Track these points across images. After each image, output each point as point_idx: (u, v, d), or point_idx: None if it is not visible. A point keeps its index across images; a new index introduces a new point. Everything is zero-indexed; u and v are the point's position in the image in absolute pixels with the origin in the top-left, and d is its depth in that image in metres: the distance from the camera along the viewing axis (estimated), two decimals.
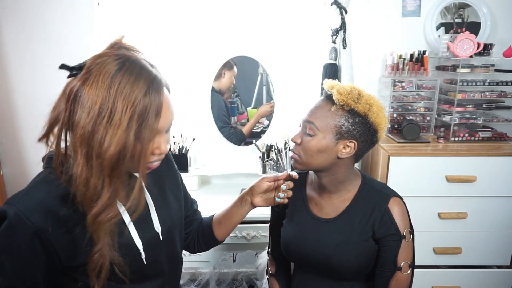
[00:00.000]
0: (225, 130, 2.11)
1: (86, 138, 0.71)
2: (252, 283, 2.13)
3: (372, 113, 0.99)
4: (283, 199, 1.08)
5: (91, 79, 0.71)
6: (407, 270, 1.04)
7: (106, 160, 0.71)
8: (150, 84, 0.74)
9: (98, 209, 0.74)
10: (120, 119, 0.70)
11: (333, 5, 1.80)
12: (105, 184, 0.74)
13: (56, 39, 1.94)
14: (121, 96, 0.71)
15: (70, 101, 0.72)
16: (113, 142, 0.71)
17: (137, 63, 0.75)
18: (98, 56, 0.75)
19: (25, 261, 0.76)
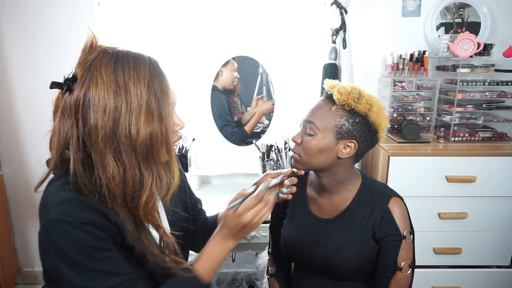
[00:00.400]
0: (228, 129, 2.11)
1: (110, 136, 0.71)
2: (252, 283, 2.13)
3: (373, 113, 0.99)
4: (287, 194, 1.07)
5: (94, 81, 0.71)
6: (407, 270, 1.04)
7: (139, 146, 0.72)
8: (149, 63, 0.76)
9: (147, 195, 0.75)
10: (139, 103, 0.72)
11: (333, 5, 1.80)
12: (143, 171, 0.74)
13: (56, 39, 1.94)
14: (130, 82, 0.72)
15: (80, 111, 0.71)
16: (141, 128, 0.72)
17: (123, 51, 0.76)
18: (85, 60, 0.74)
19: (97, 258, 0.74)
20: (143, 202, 0.75)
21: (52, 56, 1.95)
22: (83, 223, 0.71)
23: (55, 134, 0.75)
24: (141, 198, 0.75)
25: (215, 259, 0.89)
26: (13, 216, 2.16)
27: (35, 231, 2.49)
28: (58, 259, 0.72)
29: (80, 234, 0.71)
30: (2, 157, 2.08)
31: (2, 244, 2.03)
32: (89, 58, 0.74)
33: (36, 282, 2.27)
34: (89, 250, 0.72)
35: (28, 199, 2.11)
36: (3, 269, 2.02)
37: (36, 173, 2.11)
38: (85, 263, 0.72)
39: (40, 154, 2.07)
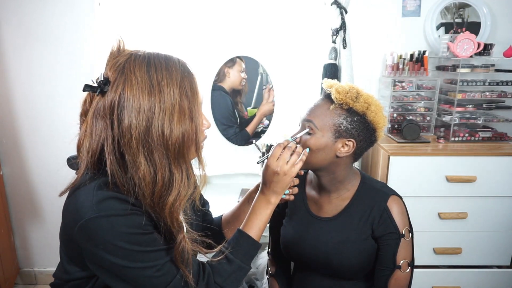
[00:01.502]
0: (231, 130, 2.11)
1: (143, 135, 0.73)
2: (252, 283, 2.13)
3: (371, 112, 0.99)
4: (289, 195, 1.08)
5: (128, 83, 0.73)
6: (406, 268, 1.04)
7: (171, 145, 0.74)
8: (179, 64, 0.78)
9: (175, 194, 0.76)
10: (172, 103, 0.74)
11: (333, 5, 1.80)
12: (173, 170, 0.76)
13: (57, 40, 1.94)
14: (163, 82, 0.74)
15: (116, 113, 0.73)
16: (174, 128, 0.74)
17: (153, 53, 0.78)
18: (115, 64, 0.75)
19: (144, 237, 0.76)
20: (170, 201, 0.76)
21: (52, 56, 1.95)
22: (123, 215, 0.74)
23: (86, 137, 0.76)
24: (169, 197, 0.76)
25: (260, 218, 0.93)
26: (13, 216, 2.16)
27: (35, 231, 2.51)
28: (108, 253, 0.74)
29: (123, 224, 0.73)
30: (2, 157, 2.08)
31: (2, 244, 2.03)
32: (120, 60, 0.75)
33: (36, 282, 2.27)
34: (135, 237, 0.75)
35: (28, 199, 2.11)
36: (3, 269, 2.02)
37: (36, 173, 2.11)
38: (135, 249, 0.74)
39: (40, 154, 2.08)
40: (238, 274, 0.88)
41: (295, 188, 1.09)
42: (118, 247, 0.73)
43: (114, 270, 0.76)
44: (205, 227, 1.15)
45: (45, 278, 2.24)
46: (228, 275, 0.87)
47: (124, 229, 0.73)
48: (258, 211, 0.94)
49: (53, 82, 1.99)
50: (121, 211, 0.74)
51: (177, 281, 0.79)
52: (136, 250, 0.75)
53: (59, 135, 2.02)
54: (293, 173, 0.94)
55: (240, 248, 0.90)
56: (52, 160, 2.05)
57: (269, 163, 0.94)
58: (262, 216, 0.94)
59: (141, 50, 0.78)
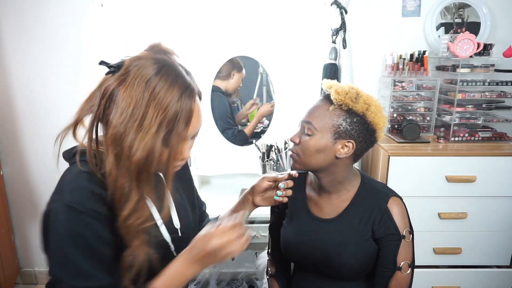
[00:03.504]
0: (229, 132, 2.11)
1: (118, 138, 0.72)
2: (252, 283, 2.13)
3: (370, 112, 0.99)
4: (282, 197, 1.08)
5: (127, 81, 0.73)
6: (407, 270, 1.04)
7: (133, 163, 0.73)
8: (184, 91, 0.75)
9: (127, 212, 0.74)
10: (150, 124, 0.72)
11: (333, 5, 1.80)
12: (133, 187, 0.75)
13: (58, 40, 1.94)
14: (154, 101, 0.72)
15: (106, 99, 0.74)
16: (141, 147, 0.72)
17: (173, 69, 0.77)
18: (137, 58, 0.76)
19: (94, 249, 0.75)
20: (122, 215, 0.74)
21: (53, 57, 1.95)
22: (89, 216, 0.73)
23: (86, 100, 0.77)
24: (122, 211, 0.75)
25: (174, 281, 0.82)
26: (13, 216, 2.16)
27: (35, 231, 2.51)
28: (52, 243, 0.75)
29: (82, 225, 0.73)
30: (2, 157, 2.08)
31: (2, 244, 2.03)
32: (142, 58, 0.75)
33: (36, 282, 2.27)
34: (84, 243, 0.74)
35: (28, 199, 2.11)
36: (3, 269, 2.02)
37: (36, 173, 2.11)
38: (74, 255, 0.73)
39: (40, 154, 2.08)
40: None
41: (289, 191, 1.09)
42: (62, 245, 0.73)
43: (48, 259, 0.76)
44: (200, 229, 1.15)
45: (45, 278, 2.25)
46: None
47: (80, 229, 0.73)
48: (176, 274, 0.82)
49: (54, 82, 1.99)
50: (89, 211, 0.73)
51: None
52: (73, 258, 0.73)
53: None
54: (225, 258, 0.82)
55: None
56: (53, 160, 2.04)
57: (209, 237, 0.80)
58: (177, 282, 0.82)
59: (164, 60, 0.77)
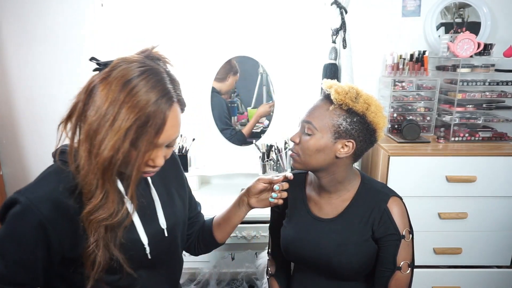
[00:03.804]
0: (227, 132, 2.12)
1: (91, 135, 0.73)
2: (252, 283, 2.13)
3: (370, 112, 0.99)
4: (277, 199, 1.07)
5: (108, 79, 0.73)
6: (406, 269, 1.04)
7: (99, 162, 0.73)
8: (160, 98, 0.74)
9: (90, 208, 0.76)
10: (120, 125, 0.72)
11: (333, 5, 1.80)
12: (99, 185, 0.75)
13: (58, 40, 1.94)
14: (128, 103, 0.72)
15: (87, 94, 0.75)
16: (109, 146, 0.72)
17: (155, 75, 0.76)
18: (125, 59, 0.76)
19: (28, 250, 0.77)
20: (87, 210, 0.76)
21: (53, 56, 1.96)
22: (39, 220, 0.75)
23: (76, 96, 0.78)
24: (88, 205, 0.76)
25: None
26: None
27: None
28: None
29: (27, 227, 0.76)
30: (2, 157, 2.08)
31: None
32: (129, 59, 0.76)
33: None
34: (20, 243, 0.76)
35: None
36: None
37: (36, 173, 2.11)
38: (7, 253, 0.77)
39: (40, 154, 2.08)
40: None
41: (284, 193, 1.08)
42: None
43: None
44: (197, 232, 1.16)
45: None
46: None
47: (20, 229, 0.76)
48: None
49: (54, 82, 1.99)
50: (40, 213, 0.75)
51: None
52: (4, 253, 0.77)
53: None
54: None
55: None
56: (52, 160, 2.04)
57: None
58: None
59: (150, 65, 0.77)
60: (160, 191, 0.97)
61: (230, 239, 1.81)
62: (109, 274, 0.84)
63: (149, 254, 0.89)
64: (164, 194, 0.98)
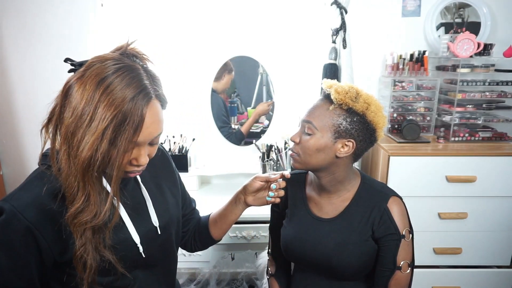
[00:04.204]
0: (224, 130, 2.12)
1: (68, 137, 0.72)
2: (252, 283, 2.13)
3: (370, 112, 0.99)
4: (274, 198, 1.07)
5: (83, 79, 0.72)
6: (406, 269, 1.04)
7: (78, 163, 0.72)
8: (136, 95, 0.72)
9: (73, 211, 0.75)
10: (97, 126, 0.70)
11: (333, 5, 1.80)
12: (80, 187, 0.74)
13: (59, 40, 1.94)
14: (103, 102, 0.70)
15: (63, 96, 0.74)
16: (86, 147, 0.71)
17: (131, 72, 0.74)
18: (99, 57, 0.75)
19: (19, 256, 0.77)
20: (70, 213, 0.75)
21: (53, 56, 1.95)
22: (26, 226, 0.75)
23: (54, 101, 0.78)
24: (71, 208, 0.75)
25: None
26: None
27: None
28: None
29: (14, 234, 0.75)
30: (2, 157, 2.08)
31: None
32: (104, 56, 0.75)
33: None
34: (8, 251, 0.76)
35: None
36: None
37: None
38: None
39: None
40: None
41: (281, 191, 1.08)
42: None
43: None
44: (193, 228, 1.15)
45: None
46: None
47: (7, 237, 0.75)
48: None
49: (54, 82, 1.98)
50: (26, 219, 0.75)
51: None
52: None
53: None
54: None
55: None
56: None
57: None
58: None
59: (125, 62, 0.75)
60: (151, 189, 0.96)
61: (230, 239, 1.82)
62: (103, 276, 0.83)
63: (143, 253, 0.89)
64: (155, 192, 0.97)
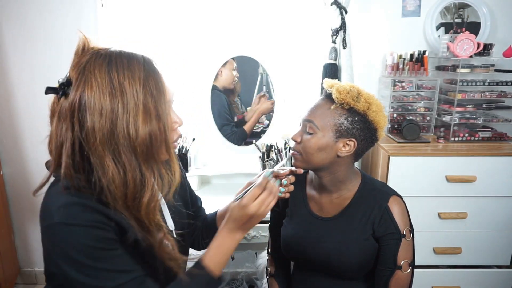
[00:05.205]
0: (227, 128, 2.11)
1: (108, 137, 0.71)
2: (252, 283, 2.13)
3: (372, 111, 0.99)
4: (284, 193, 1.07)
5: (88, 84, 0.70)
6: (407, 269, 1.04)
7: (139, 146, 0.72)
8: (143, 61, 0.75)
9: (149, 195, 0.74)
10: (135, 103, 0.71)
11: (333, 5, 1.80)
12: (144, 171, 0.74)
13: (58, 40, 1.94)
14: (125, 82, 0.71)
15: (76, 115, 0.71)
16: (139, 127, 0.71)
17: (116, 51, 0.75)
18: (77, 64, 0.73)
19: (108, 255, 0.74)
20: (145, 202, 0.74)
21: (53, 57, 1.95)
22: (85, 225, 0.72)
23: (52, 139, 0.74)
24: (142, 198, 0.74)
25: (224, 252, 0.89)
26: (13, 216, 2.16)
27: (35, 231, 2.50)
28: (63, 262, 0.72)
29: (83, 236, 0.71)
30: (2, 157, 2.08)
31: (2, 244, 2.03)
32: (82, 60, 0.73)
33: (36, 282, 2.27)
34: (93, 251, 0.72)
35: (28, 199, 2.11)
36: (3, 269, 2.02)
37: (36, 173, 2.11)
38: (90, 263, 0.72)
39: (40, 155, 2.07)
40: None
41: (291, 186, 1.08)
42: (73, 258, 0.71)
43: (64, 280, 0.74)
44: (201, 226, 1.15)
45: None
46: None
47: (82, 240, 0.71)
48: (224, 246, 0.89)
49: (54, 82, 1.98)
50: (82, 221, 0.72)
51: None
52: (91, 266, 0.72)
53: None
54: (265, 214, 0.90)
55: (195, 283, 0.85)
56: None
57: (245, 203, 0.88)
58: (227, 251, 0.89)
59: (104, 49, 0.75)
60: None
61: None
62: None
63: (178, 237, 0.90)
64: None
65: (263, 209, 0.89)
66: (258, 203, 0.88)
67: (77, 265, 0.72)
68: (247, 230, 0.91)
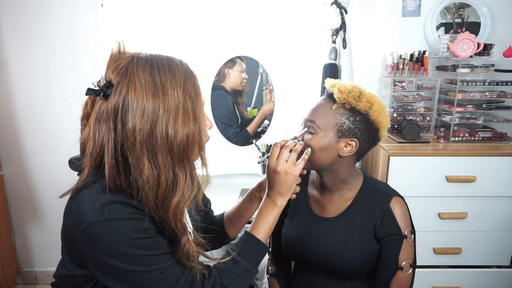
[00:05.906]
0: (231, 130, 2.11)
1: (148, 138, 0.72)
2: (252, 283, 2.13)
3: (373, 111, 0.99)
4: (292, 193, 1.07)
5: (132, 86, 0.72)
6: (408, 269, 1.04)
7: (176, 147, 0.74)
8: (181, 65, 0.78)
9: (179, 196, 0.76)
10: (176, 104, 0.74)
11: (333, 5, 1.80)
12: (177, 172, 0.76)
13: (59, 40, 1.94)
14: (167, 84, 0.74)
15: (120, 116, 0.72)
16: (178, 128, 0.74)
17: (155, 54, 0.78)
18: (117, 67, 0.75)
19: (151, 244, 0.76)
20: (174, 204, 0.76)
21: (53, 57, 1.95)
22: (126, 219, 0.74)
23: (89, 141, 0.76)
24: (172, 199, 0.76)
25: (267, 220, 0.93)
26: (13, 216, 2.16)
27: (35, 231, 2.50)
28: (112, 258, 0.73)
29: (127, 228, 0.73)
30: (2, 157, 2.08)
31: (2, 244, 2.03)
32: (123, 63, 0.75)
33: (36, 282, 2.27)
34: (139, 241, 0.74)
35: (28, 199, 2.11)
36: (3, 269, 2.02)
37: (36, 173, 2.11)
38: (140, 253, 0.74)
39: (40, 155, 2.07)
40: (245, 276, 0.88)
41: (297, 187, 1.08)
42: (121, 252, 0.73)
43: (116, 274, 0.76)
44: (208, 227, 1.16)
45: (45, 278, 2.24)
46: (235, 277, 0.86)
47: (127, 233, 0.73)
48: (264, 213, 0.94)
49: (54, 82, 1.99)
50: (124, 215, 0.74)
51: (180, 284, 0.79)
52: (139, 254, 0.74)
53: (59, 135, 2.02)
54: (296, 172, 0.94)
55: (247, 251, 0.89)
56: (52, 160, 2.05)
57: (268, 164, 0.94)
58: (269, 218, 0.93)
59: (143, 52, 0.78)
60: None
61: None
62: None
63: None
64: None
65: (288, 165, 0.93)
66: (280, 159, 0.93)
67: (125, 257, 0.74)
68: (284, 193, 0.94)
